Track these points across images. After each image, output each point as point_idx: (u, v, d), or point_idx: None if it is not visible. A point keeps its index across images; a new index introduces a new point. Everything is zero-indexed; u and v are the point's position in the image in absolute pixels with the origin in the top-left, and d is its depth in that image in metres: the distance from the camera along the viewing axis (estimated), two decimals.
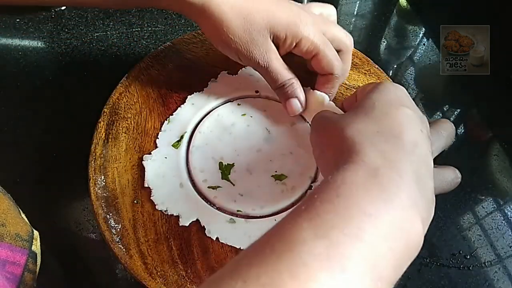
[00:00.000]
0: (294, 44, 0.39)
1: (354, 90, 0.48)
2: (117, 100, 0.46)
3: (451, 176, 0.36)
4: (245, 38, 0.38)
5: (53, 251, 0.42)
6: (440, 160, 0.50)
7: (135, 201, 0.41)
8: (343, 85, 0.48)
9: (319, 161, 0.35)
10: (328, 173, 0.28)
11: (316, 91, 0.42)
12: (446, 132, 0.38)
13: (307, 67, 0.44)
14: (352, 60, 0.50)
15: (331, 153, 0.31)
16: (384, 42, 0.61)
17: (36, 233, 0.36)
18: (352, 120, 0.31)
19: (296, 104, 0.42)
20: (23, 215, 0.36)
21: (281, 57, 0.40)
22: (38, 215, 0.40)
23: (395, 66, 0.60)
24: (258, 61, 0.39)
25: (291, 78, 0.41)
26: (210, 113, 0.46)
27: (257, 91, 0.47)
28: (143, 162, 0.42)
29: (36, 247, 0.35)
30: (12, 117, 0.51)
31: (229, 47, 0.39)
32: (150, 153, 0.43)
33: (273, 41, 0.39)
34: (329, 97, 0.42)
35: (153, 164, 0.42)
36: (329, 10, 0.44)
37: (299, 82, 0.42)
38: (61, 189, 0.46)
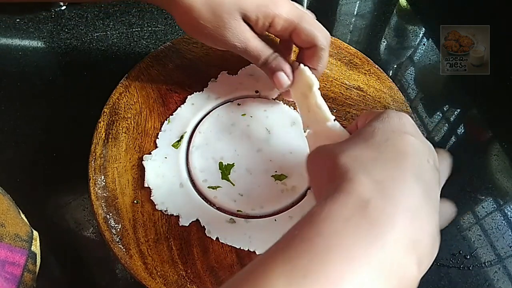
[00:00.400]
0: (268, 24, 0.39)
1: (355, 90, 0.48)
2: (117, 100, 0.46)
3: (448, 211, 0.33)
4: (217, 23, 0.38)
5: (53, 251, 0.42)
6: None
7: (135, 201, 0.41)
8: (343, 85, 0.48)
9: (313, 189, 0.33)
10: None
11: (303, 67, 0.40)
12: (445, 164, 0.34)
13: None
14: (352, 60, 0.50)
15: (324, 181, 0.28)
16: (384, 42, 0.61)
17: (35, 233, 0.36)
18: (348, 146, 0.28)
19: (283, 77, 0.41)
20: (22, 216, 0.36)
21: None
22: (38, 215, 0.40)
23: (395, 66, 0.60)
24: (235, 43, 0.39)
25: (272, 52, 0.41)
26: (210, 113, 0.46)
27: (257, 91, 0.47)
28: (143, 162, 0.42)
29: (36, 247, 0.35)
30: (12, 117, 0.51)
31: (203, 33, 0.39)
32: (150, 153, 0.43)
33: (246, 23, 0.39)
34: (318, 70, 0.42)
35: (153, 164, 0.42)
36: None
37: (283, 56, 0.41)
38: (61, 189, 0.46)
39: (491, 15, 0.58)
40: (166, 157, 0.43)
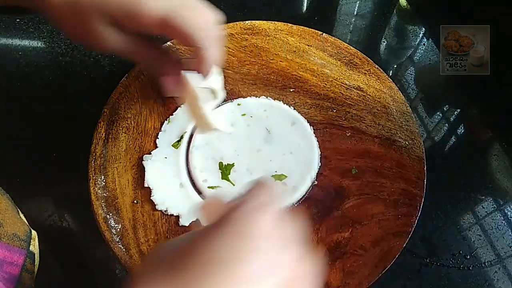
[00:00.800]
0: (135, 22, 0.34)
1: (355, 90, 0.48)
2: (117, 100, 0.46)
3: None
4: (82, 29, 0.35)
5: (53, 251, 0.42)
6: (442, 161, 0.50)
7: (135, 201, 0.41)
8: (343, 85, 0.48)
9: None
10: None
11: (184, 74, 0.37)
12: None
13: None
14: (352, 60, 0.50)
15: None
16: (384, 42, 0.61)
17: (34, 233, 0.36)
18: (152, 276, 0.23)
19: (165, 83, 0.38)
20: (21, 215, 0.36)
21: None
22: (38, 215, 0.40)
23: (395, 66, 0.60)
24: (104, 48, 0.36)
25: (151, 56, 0.37)
26: None
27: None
28: (143, 162, 0.42)
29: (34, 247, 0.35)
30: (12, 117, 0.51)
31: (75, 40, 0.37)
32: (150, 153, 0.43)
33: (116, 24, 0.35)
34: (204, 74, 0.36)
35: (153, 164, 0.42)
36: None
37: (167, 58, 0.38)
38: (61, 189, 0.46)
39: (491, 15, 0.58)
40: (166, 157, 0.43)
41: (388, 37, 0.62)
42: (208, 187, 0.41)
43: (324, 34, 0.51)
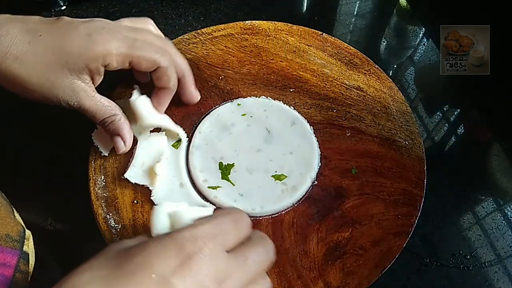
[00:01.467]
0: (101, 67, 0.37)
1: (355, 90, 0.48)
2: (117, 100, 0.46)
3: None
4: (46, 84, 0.36)
5: (52, 252, 0.41)
6: (442, 161, 0.50)
7: (135, 201, 0.41)
8: (343, 85, 0.48)
9: None
10: None
11: (133, 101, 0.40)
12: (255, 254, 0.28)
13: None
14: (352, 60, 0.50)
15: None
16: (384, 42, 0.61)
17: (28, 232, 0.36)
18: (95, 263, 0.25)
19: (119, 143, 0.40)
20: (16, 215, 0.36)
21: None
22: (37, 215, 0.40)
23: (395, 66, 0.60)
24: (69, 103, 0.37)
25: (111, 115, 0.39)
26: (210, 113, 0.46)
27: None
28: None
29: (28, 247, 0.35)
30: (12, 117, 0.51)
31: (35, 97, 0.37)
32: None
33: (87, 74, 0.37)
34: (170, 88, 0.41)
35: None
36: (143, 24, 0.42)
37: (123, 117, 0.40)
38: (61, 189, 0.46)
39: (491, 15, 0.58)
40: (166, 157, 0.43)
41: (388, 37, 0.62)
42: (208, 187, 0.41)
43: (324, 34, 0.51)
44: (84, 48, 0.36)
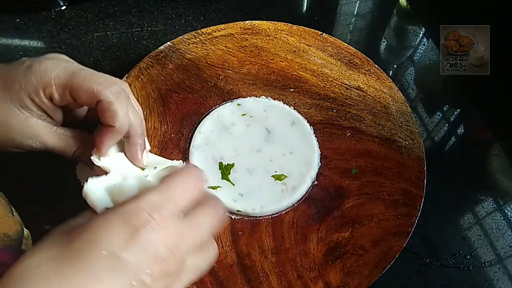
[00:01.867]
0: (45, 99, 0.33)
1: (354, 90, 0.48)
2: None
3: None
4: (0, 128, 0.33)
5: None
6: (442, 161, 0.50)
7: None
8: (343, 85, 0.48)
9: None
10: None
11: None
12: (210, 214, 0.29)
13: None
14: (352, 60, 0.50)
15: None
16: (384, 42, 0.61)
17: (26, 231, 0.36)
18: (44, 245, 0.24)
19: (80, 175, 0.37)
20: (15, 214, 0.36)
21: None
22: (37, 215, 0.40)
23: (395, 66, 0.60)
24: (30, 144, 0.34)
25: (77, 146, 0.36)
26: (210, 113, 0.46)
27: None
28: None
29: (26, 246, 0.35)
30: None
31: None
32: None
33: (38, 109, 0.33)
34: (118, 127, 0.33)
35: None
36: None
37: (87, 149, 0.35)
38: (61, 189, 0.46)
39: (491, 15, 0.58)
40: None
41: (388, 37, 0.62)
42: (208, 187, 0.41)
43: (324, 34, 0.52)
44: (23, 80, 0.32)
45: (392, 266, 0.38)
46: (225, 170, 0.42)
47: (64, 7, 0.60)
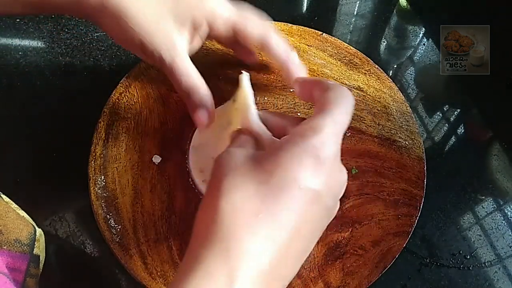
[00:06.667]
0: (205, 29, 0.36)
1: (354, 90, 0.48)
2: (117, 100, 0.46)
3: None
4: (149, 29, 0.34)
5: (52, 252, 0.41)
6: (442, 161, 0.50)
7: (135, 201, 0.41)
8: (343, 85, 0.48)
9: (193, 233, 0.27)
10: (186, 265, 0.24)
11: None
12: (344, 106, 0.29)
13: None
14: (352, 60, 0.50)
15: (203, 230, 0.25)
16: (384, 42, 0.61)
17: (39, 232, 0.36)
18: (238, 183, 0.25)
19: (203, 116, 0.37)
20: (23, 214, 0.36)
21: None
22: (37, 215, 0.40)
23: (395, 66, 0.60)
24: (162, 57, 0.35)
25: (198, 84, 0.37)
26: None
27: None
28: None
29: (39, 248, 0.35)
30: (12, 117, 0.51)
31: (132, 44, 0.35)
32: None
33: (189, 30, 0.36)
34: (282, 56, 0.39)
35: None
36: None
37: (208, 90, 0.37)
38: (61, 189, 0.46)
39: (491, 15, 0.58)
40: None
41: (388, 37, 0.62)
42: None
43: (324, 34, 0.51)
44: (195, 1, 0.35)
45: (392, 266, 0.38)
46: None
47: None
